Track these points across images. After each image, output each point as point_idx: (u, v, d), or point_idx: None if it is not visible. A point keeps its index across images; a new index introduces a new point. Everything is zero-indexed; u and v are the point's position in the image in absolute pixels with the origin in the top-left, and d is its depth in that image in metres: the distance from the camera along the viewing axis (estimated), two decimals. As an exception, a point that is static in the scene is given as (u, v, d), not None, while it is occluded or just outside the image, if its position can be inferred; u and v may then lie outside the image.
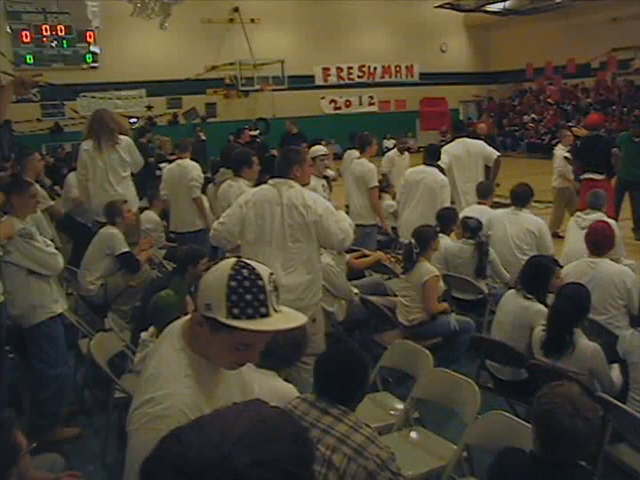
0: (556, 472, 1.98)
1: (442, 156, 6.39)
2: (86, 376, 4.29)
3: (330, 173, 7.42)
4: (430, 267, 4.42)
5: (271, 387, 2.35)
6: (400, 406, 3.35)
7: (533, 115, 21.55)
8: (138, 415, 1.54)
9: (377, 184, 6.74)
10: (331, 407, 2.17)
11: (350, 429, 2.10)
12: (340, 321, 4.59)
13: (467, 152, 6.71)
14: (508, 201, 5.51)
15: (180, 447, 0.88)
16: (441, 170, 6.20)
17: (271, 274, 1.53)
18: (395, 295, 4.77)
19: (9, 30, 16.95)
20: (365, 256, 5.47)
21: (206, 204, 6.60)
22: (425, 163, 6.25)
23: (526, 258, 4.28)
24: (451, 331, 4.37)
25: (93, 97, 17.66)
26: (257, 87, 19.87)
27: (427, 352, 3.41)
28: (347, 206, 6.73)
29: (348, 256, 5.22)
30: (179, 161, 6.73)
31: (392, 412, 3.37)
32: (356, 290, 4.77)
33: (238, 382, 1.75)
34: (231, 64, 19.69)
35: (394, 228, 6.91)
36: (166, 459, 0.88)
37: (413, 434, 3.17)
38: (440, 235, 4.81)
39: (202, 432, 0.89)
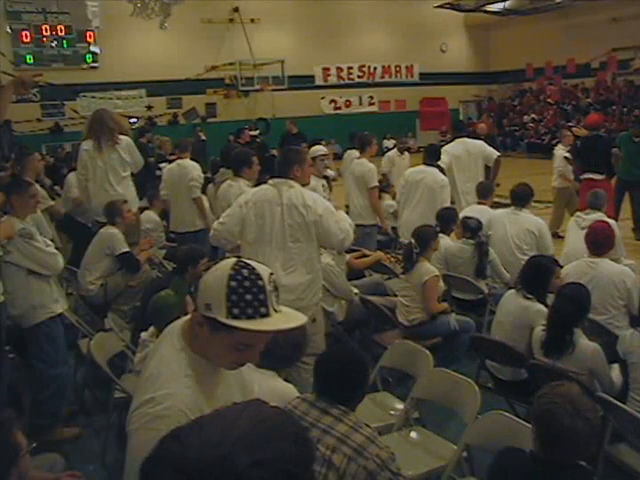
0: (556, 472, 1.98)
1: (442, 156, 6.39)
2: (86, 376, 4.29)
3: (330, 173, 7.43)
4: (430, 267, 4.42)
5: (271, 387, 2.35)
6: (400, 406, 3.35)
7: (533, 115, 21.55)
8: (138, 415, 1.54)
9: (377, 184, 6.74)
10: (331, 407, 2.17)
11: (350, 429, 2.10)
12: (340, 321, 4.59)
13: (467, 152, 6.71)
14: (508, 201, 5.51)
15: (180, 447, 0.88)
16: (441, 170, 6.20)
17: (271, 274, 1.53)
18: (395, 295, 4.77)
19: (9, 30, 16.94)
20: (365, 256, 5.47)
21: (206, 204, 6.60)
22: (425, 163, 6.25)
23: (526, 258, 4.28)
24: (451, 331, 4.37)
25: (93, 97, 17.66)
26: (257, 87, 19.87)
27: (427, 352, 3.41)
28: (347, 206, 6.73)
29: (348, 256, 5.22)
30: (179, 161, 6.73)
31: (392, 412, 3.37)
32: (356, 290, 4.77)
33: (238, 382, 1.75)
34: (231, 64, 19.69)
35: (394, 228, 6.91)
36: (166, 459, 0.88)
37: (413, 434, 3.17)
38: (440, 235, 4.81)
39: (202, 432, 0.89)
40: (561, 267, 4.22)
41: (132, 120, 16.97)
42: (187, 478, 0.84)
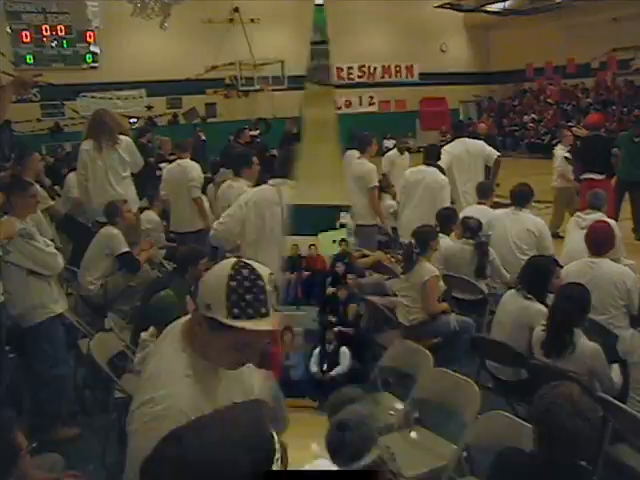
0: (556, 472, 1.97)
1: (442, 156, 6.38)
2: (86, 376, 4.29)
3: (330, 173, 7.42)
4: (430, 267, 4.41)
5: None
6: (400, 406, 3.35)
7: (533, 115, 21.55)
8: (138, 415, 1.54)
9: (377, 184, 6.74)
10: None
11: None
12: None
13: (467, 152, 6.71)
14: (508, 201, 5.50)
15: (180, 447, 0.88)
16: (441, 170, 6.20)
17: (271, 274, 1.53)
18: (395, 295, 4.76)
19: (9, 30, 16.94)
20: (365, 256, 5.47)
21: (206, 204, 6.60)
22: (425, 163, 6.24)
23: (526, 258, 4.28)
24: (451, 331, 4.37)
25: (93, 97, 17.64)
26: (257, 87, 19.87)
27: (427, 352, 3.41)
28: (347, 206, 6.73)
29: (348, 256, 5.22)
30: (179, 161, 6.73)
31: (392, 412, 3.37)
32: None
33: (238, 382, 1.75)
34: (231, 64, 19.67)
35: (394, 228, 6.90)
36: (166, 459, 0.88)
37: (413, 434, 3.17)
38: (440, 235, 4.80)
39: (202, 432, 0.89)
40: (561, 267, 4.22)
41: (132, 120, 16.96)
42: (187, 478, 0.84)
